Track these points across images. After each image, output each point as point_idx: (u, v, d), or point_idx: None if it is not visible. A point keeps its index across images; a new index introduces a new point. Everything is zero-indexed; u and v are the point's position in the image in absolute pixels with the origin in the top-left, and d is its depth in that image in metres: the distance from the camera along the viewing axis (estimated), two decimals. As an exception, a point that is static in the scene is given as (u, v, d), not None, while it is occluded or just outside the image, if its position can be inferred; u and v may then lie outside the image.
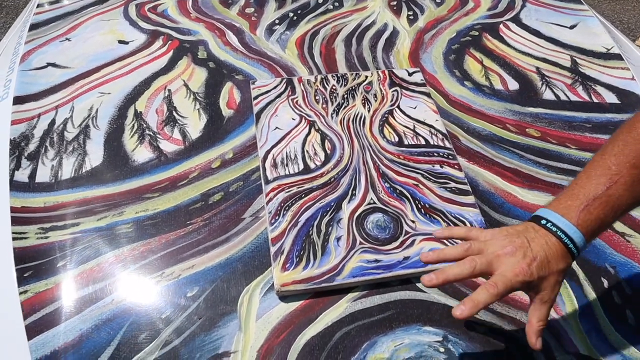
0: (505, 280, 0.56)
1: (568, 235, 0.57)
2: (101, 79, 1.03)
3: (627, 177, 0.57)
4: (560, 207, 0.59)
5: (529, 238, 0.58)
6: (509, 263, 0.57)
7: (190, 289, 0.72)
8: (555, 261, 0.57)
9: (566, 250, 0.58)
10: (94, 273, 0.73)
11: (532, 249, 0.57)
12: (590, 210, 0.57)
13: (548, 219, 0.59)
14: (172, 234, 0.77)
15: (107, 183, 0.84)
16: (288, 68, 1.07)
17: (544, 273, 0.57)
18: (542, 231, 0.59)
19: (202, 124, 0.94)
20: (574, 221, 0.57)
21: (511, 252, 0.58)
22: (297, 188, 0.82)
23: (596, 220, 0.57)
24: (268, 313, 0.69)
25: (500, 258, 0.58)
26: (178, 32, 1.16)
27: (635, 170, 0.58)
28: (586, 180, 0.59)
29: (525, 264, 0.57)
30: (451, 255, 0.61)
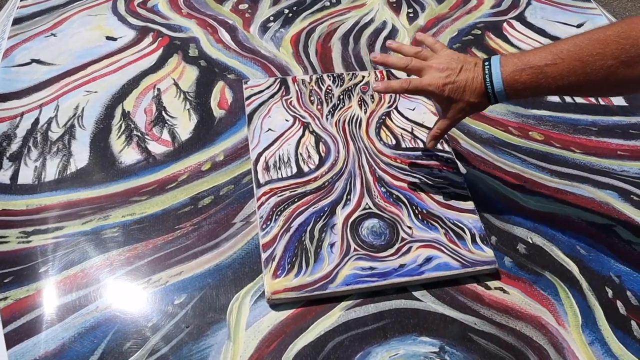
0: (418, 83, 0.75)
1: (492, 81, 0.71)
2: (88, 77, 1.03)
3: (566, 64, 0.66)
4: (507, 59, 0.71)
5: (463, 68, 0.73)
6: (432, 75, 0.74)
7: (178, 296, 0.72)
8: (470, 93, 0.73)
9: (485, 91, 0.72)
10: (77, 279, 0.73)
11: (458, 76, 0.73)
12: (521, 74, 0.69)
13: (491, 63, 0.72)
14: (160, 239, 0.78)
15: (93, 185, 0.85)
16: (282, 67, 1.08)
17: (454, 96, 0.74)
18: (478, 69, 0.73)
19: (192, 125, 0.95)
20: (504, 75, 0.70)
21: (440, 69, 0.74)
22: (290, 192, 0.82)
23: (521, 83, 0.69)
24: (258, 322, 0.70)
25: (429, 69, 0.75)
26: (168, 28, 1.17)
27: (576, 63, 0.65)
28: (539, 50, 0.70)
29: (442, 82, 0.73)
30: (395, 62, 0.78)
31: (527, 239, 0.81)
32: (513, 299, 0.74)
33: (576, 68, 0.65)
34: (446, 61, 0.75)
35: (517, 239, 0.80)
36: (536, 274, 0.77)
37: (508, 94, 0.71)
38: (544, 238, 0.81)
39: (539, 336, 0.70)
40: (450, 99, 0.74)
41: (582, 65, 0.65)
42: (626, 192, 0.88)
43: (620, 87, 0.67)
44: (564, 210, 0.84)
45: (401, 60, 0.77)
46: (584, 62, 0.65)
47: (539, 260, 0.78)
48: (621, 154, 0.94)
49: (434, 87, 0.74)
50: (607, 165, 0.92)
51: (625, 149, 0.95)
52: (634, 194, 0.87)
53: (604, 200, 0.86)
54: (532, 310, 0.73)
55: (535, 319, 0.72)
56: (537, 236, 0.81)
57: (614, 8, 2.89)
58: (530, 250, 0.79)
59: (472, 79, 0.73)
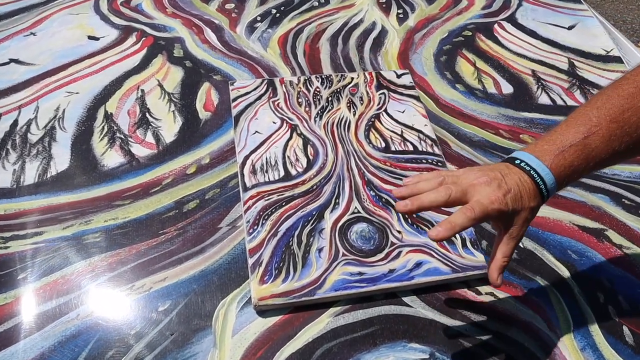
0: (482, 206, 0.60)
1: (540, 175, 0.61)
2: (69, 77, 1.03)
3: (605, 130, 0.61)
4: (536, 150, 0.63)
5: (502, 173, 0.62)
6: (484, 192, 0.61)
7: (162, 303, 0.72)
8: (527, 197, 0.61)
9: (537, 189, 0.62)
10: (57, 286, 0.73)
11: (507, 182, 0.61)
12: (564, 156, 0.61)
13: (522, 159, 0.63)
14: (144, 244, 0.78)
15: (74, 189, 0.84)
16: (269, 68, 1.08)
17: (517, 206, 0.61)
18: (515, 169, 0.63)
19: (177, 127, 0.95)
20: (547, 163, 0.61)
21: (486, 182, 0.61)
22: (277, 196, 0.82)
23: (570, 166, 0.61)
24: (245, 329, 0.70)
25: (475, 187, 0.61)
26: (153, 28, 1.16)
27: (614, 125, 0.61)
28: (565, 128, 0.63)
29: (501, 193, 0.60)
30: (425, 187, 0.63)
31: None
32: (504, 304, 0.74)
33: (615, 131, 0.61)
34: (481, 172, 0.63)
35: (508, 243, 0.81)
36: (527, 279, 0.77)
37: (559, 183, 0.62)
38: (535, 242, 0.81)
39: (530, 342, 0.70)
40: (514, 212, 0.61)
41: (619, 126, 0.61)
42: (617, 195, 0.89)
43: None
44: (555, 214, 0.85)
45: (440, 194, 0.62)
46: (620, 123, 0.61)
47: (530, 265, 0.79)
48: (612, 158, 0.95)
49: (498, 202, 0.60)
50: (598, 168, 0.93)
51: (616, 152, 0.96)
52: (626, 198, 0.88)
53: (596, 204, 0.87)
54: (523, 315, 0.73)
55: (527, 324, 0.72)
56: (528, 240, 0.81)
57: (605, 10, 2.93)
58: (521, 254, 0.80)
59: (520, 181, 0.62)
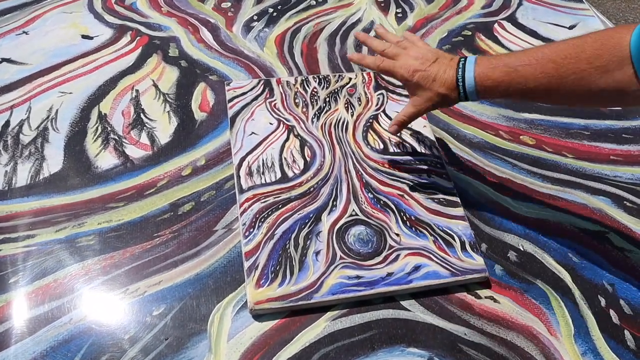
0: (391, 64, 0.80)
1: (464, 76, 0.74)
2: (62, 77, 1.03)
3: (540, 65, 0.68)
4: (483, 58, 0.74)
5: (438, 60, 0.77)
6: (404, 60, 0.79)
7: (156, 307, 0.72)
8: (439, 84, 0.76)
9: (455, 84, 0.75)
10: (50, 290, 0.73)
11: (431, 66, 0.77)
12: (494, 71, 0.72)
13: (467, 59, 0.75)
14: (138, 247, 0.78)
15: (67, 191, 0.84)
16: (266, 68, 1.08)
17: (423, 83, 0.77)
18: (452, 63, 0.76)
19: (172, 128, 0.95)
20: (477, 70, 0.73)
21: (415, 56, 0.79)
22: (274, 198, 0.82)
23: (493, 80, 0.72)
24: (240, 333, 0.70)
25: (405, 55, 0.79)
26: (148, 27, 1.16)
27: (551, 64, 0.67)
28: (517, 52, 0.74)
29: (414, 68, 0.77)
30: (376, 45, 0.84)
31: (518, 246, 0.81)
32: (504, 308, 0.74)
33: (549, 69, 0.67)
34: (423, 51, 0.79)
35: (508, 246, 0.81)
36: (527, 283, 0.77)
37: (478, 90, 0.74)
38: (535, 245, 0.81)
39: (530, 347, 0.71)
40: (418, 86, 0.78)
41: (555, 67, 0.67)
42: (619, 198, 0.89)
43: (594, 96, 0.67)
44: (555, 216, 0.85)
45: (380, 43, 0.84)
46: (557, 64, 0.67)
47: (530, 268, 0.79)
48: (614, 159, 0.95)
49: (404, 71, 0.78)
50: (599, 170, 0.93)
51: (618, 153, 0.96)
52: (627, 200, 0.88)
53: (597, 207, 0.87)
54: (523, 319, 0.73)
55: (527, 328, 0.72)
56: (528, 243, 0.82)
57: (607, 9, 2.93)
58: (521, 257, 0.80)
59: (444, 70, 0.76)
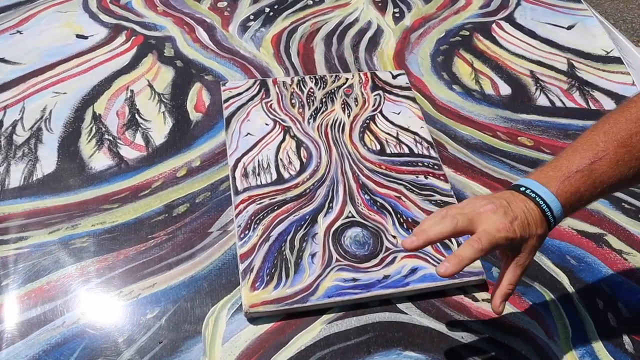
0: (489, 235, 0.59)
1: (546, 202, 0.61)
2: (56, 77, 1.02)
3: (612, 155, 0.61)
4: (541, 176, 0.63)
5: (508, 200, 0.62)
6: (491, 219, 0.60)
7: (150, 310, 0.71)
8: (534, 224, 0.61)
9: (544, 216, 0.61)
10: (43, 292, 0.72)
11: (513, 209, 0.61)
12: (570, 182, 0.61)
13: (527, 186, 0.63)
14: (132, 249, 0.77)
15: (61, 192, 0.84)
16: (262, 68, 1.07)
17: (525, 233, 0.61)
18: (520, 197, 0.62)
19: (167, 129, 0.94)
20: (553, 190, 0.61)
21: (492, 209, 0.61)
22: (270, 200, 0.82)
23: (576, 192, 0.61)
24: (235, 336, 0.69)
25: (481, 215, 0.61)
26: (143, 26, 1.16)
27: (622, 149, 0.61)
28: (571, 153, 0.63)
29: (508, 221, 0.60)
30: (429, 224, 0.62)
31: (515, 248, 0.81)
32: (501, 311, 0.74)
33: (623, 156, 0.61)
34: (486, 201, 0.62)
35: (506, 248, 0.81)
36: (525, 285, 0.77)
37: (565, 210, 0.62)
38: (533, 247, 0.81)
39: (528, 350, 0.70)
40: (522, 239, 0.61)
41: (627, 150, 0.61)
42: (617, 200, 0.88)
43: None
44: (553, 218, 0.85)
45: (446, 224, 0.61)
46: (629, 147, 0.60)
47: (528, 270, 0.78)
48: (612, 161, 0.95)
49: (506, 230, 0.59)
50: (597, 171, 0.93)
51: (616, 155, 0.96)
52: (625, 202, 0.88)
53: (595, 208, 0.87)
54: (521, 322, 0.73)
55: (524, 331, 0.72)
56: (526, 245, 0.81)
57: (605, 9, 2.93)
58: (519, 260, 0.80)
59: (527, 208, 0.61)
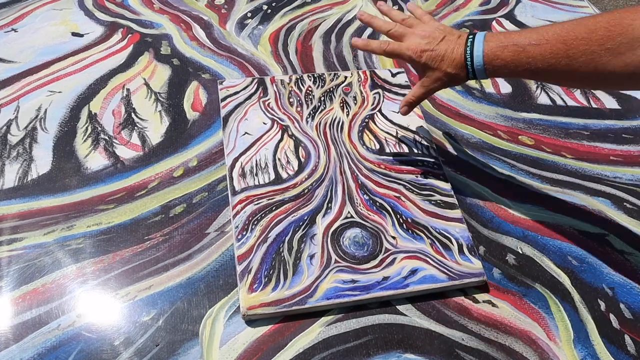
0: (397, 46, 0.78)
1: (473, 54, 0.72)
2: (51, 76, 1.02)
3: (549, 45, 0.67)
4: (492, 36, 0.72)
5: (445, 38, 0.76)
6: (411, 40, 0.77)
7: (147, 312, 0.71)
8: (448, 63, 0.75)
9: (464, 63, 0.74)
10: (37, 295, 0.72)
11: (438, 45, 0.75)
12: (503, 50, 0.70)
13: (475, 37, 0.73)
14: (128, 250, 0.77)
15: (56, 193, 0.83)
16: (260, 66, 1.07)
17: (431, 64, 0.76)
18: (460, 41, 0.75)
19: (164, 128, 0.94)
20: (486, 50, 0.71)
21: (422, 35, 0.77)
22: (267, 200, 0.81)
23: (502, 60, 0.70)
24: (233, 339, 0.69)
25: (410, 35, 0.78)
26: (139, 24, 1.15)
27: (560, 45, 0.66)
28: (527, 30, 0.71)
29: (421, 49, 0.76)
30: (380, 25, 0.81)
31: (516, 249, 0.81)
32: (502, 312, 0.74)
33: (559, 50, 0.66)
34: (430, 30, 0.77)
35: (507, 249, 0.81)
36: (526, 286, 0.77)
37: (487, 69, 0.72)
38: (534, 248, 0.81)
39: (529, 352, 0.70)
40: (426, 66, 0.76)
41: (565, 47, 0.65)
42: (619, 199, 0.88)
43: (603, 78, 0.66)
44: (555, 218, 0.85)
45: (385, 24, 0.81)
46: (567, 45, 0.65)
47: (529, 271, 0.78)
48: (614, 160, 0.95)
49: (412, 52, 0.76)
50: (599, 171, 0.93)
51: (617, 154, 0.96)
52: (627, 202, 0.88)
53: (596, 208, 0.86)
54: (522, 324, 0.73)
55: (526, 333, 0.72)
56: (527, 246, 0.81)
57: (605, 5, 2.93)
58: (520, 260, 0.79)
59: (452, 49, 0.75)
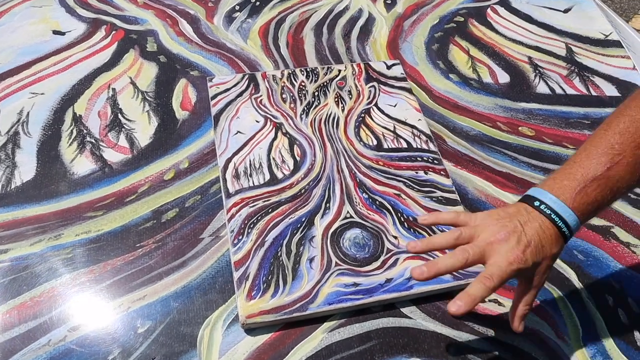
0: (500, 271, 0.59)
1: (562, 218, 0.60)
2: (32, 77, 1.00)
3: (630, 158, 0.60)
4: (555, 187, 0.61)
5: (522, 222, 0.61)
6: (502, 251, 0.60)
7: (141, 324, 0.70)
8: (549, 245, 0.61)
9: (560, 234, 0.61)
10: (26, 309, 0.70)
11: (526, 234, 0.60)
12: (587, 192, 0.60)
13: (542, 200, 0.61)
14: (120, 259, 0.75)
15: (41, 201, 0.81)
16: (250, 62, 1.06)
17: (538, 259, 0.60)
18: (535, 213, 0.61)
19: (153, 129, 0.92)
20: (569, 203, 0.60)
21: (504, 238, 0.60)
22: (263, 202, 0.80)
23: (593, 202, 0.60)
24: (232, 349, 0.68)
25: (493, 246, 0.60)
26: (123, 20, 1.14)
27: (638, 151, 0.60)
28: (586, 158, 0.61)
29: (520, 250, 0.59)
30: (440, 243, 0.63)
31: (521, 244, 0.80)
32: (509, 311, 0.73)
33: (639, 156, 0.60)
34: (499, 227, 0.61)
35: (511, 245, 0.79)
36: (532, 283, 0.76)
37: (582, 222, 0.62)
38: (539, 243, 0.80)
39: (538, 352, 0.69)
40: (535, 265, 0.61)
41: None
42: (623, 190, 0.87)
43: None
44: (559, 212, 0.84)
45: (457, 258, 0.60)
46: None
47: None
48: (616, 149, 0.94)
49: (518, 262, 0.59)
50: (602, 161, 0.92)
51: (620, 143, 0.95)
52: (632, 192, 0.87)
53: (601, 200, 0.85)
54: (529, 323, 0.71)
55: (534, 332, 0.71)
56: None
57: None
58: (525, 257, 0.78)
59: (540, 228, 0.61)
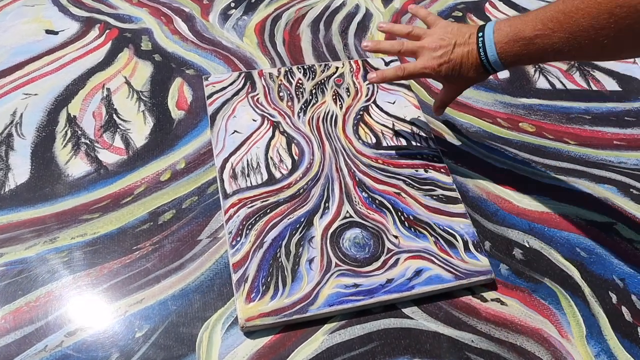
0: (412, 68, 0.78)
1: (487, 56, 0.72)
2: (25, 77, 0.99)
3: (555, 37, 0.65)
4: (501, 27, 0.71)
5: (457, 42, 0.75)
6: (426, 56, 0.77)
7: (139, 328, 0.69)
8: (467, 69, 0.75)
9: (482, 64, 0.74)
10: (22, 314, 0.69)
11: (453, 53, 0.75)
12: (512, 45, 0.70)
13: (485, 34, 0.72)
14: (116, 262, 0.74)
15: (36, 203, 0.80)
16: (247, 59, 1.05)
17: (452, 74, 0.76)
18: (472, 40, 0.74)
19: (148, 129, 0.91)
20: (498, 47, 0.71)
21: (434, 48, 0.76)
22: (261, 202, 0.79)
23: (515, 54, 0.70)
24: (232, 352, 0.67)
25: (423, 50, 0.77)
26: (117, 19, 1.13)
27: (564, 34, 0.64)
28: (532, 17, 0.68)
29: (437, 62, 0.76)
30: (385, 47, 0.81)
31: (523, 242, 0.79)
32: (512, 310, 0.72)
33: (565, 38, 0.65)
34: (439, 38, 0.76)
35: (513, 243, 0.79)
36: (535, 282, 0.75)
37: (504, 63, 0.72)
38: (541, 241, 0.79)
39: (541, 351, 0.69)
40: (448, 78, 0.77)
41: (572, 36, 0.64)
42: (625, 185, 0.87)
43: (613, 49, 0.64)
44: (560, 209, 0.83)
45: (393, 46, 0.80)
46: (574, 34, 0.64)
47: (537, 265, 0.77)
48: (617, 144, 0.93)
49: (430, 70, 0.76)
50: (603, 156, 0.91)
51: (621, 138, 0.94)
52: (634, 187, 0.86)
53: (603, 196, 0.85)
54: (532, 322, 0.71)
55: (537, 331, 0.70)
56: (533, 239, 0.79)
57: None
58: (527, 255, 0.77)
59: (467, 53, 0.74)
